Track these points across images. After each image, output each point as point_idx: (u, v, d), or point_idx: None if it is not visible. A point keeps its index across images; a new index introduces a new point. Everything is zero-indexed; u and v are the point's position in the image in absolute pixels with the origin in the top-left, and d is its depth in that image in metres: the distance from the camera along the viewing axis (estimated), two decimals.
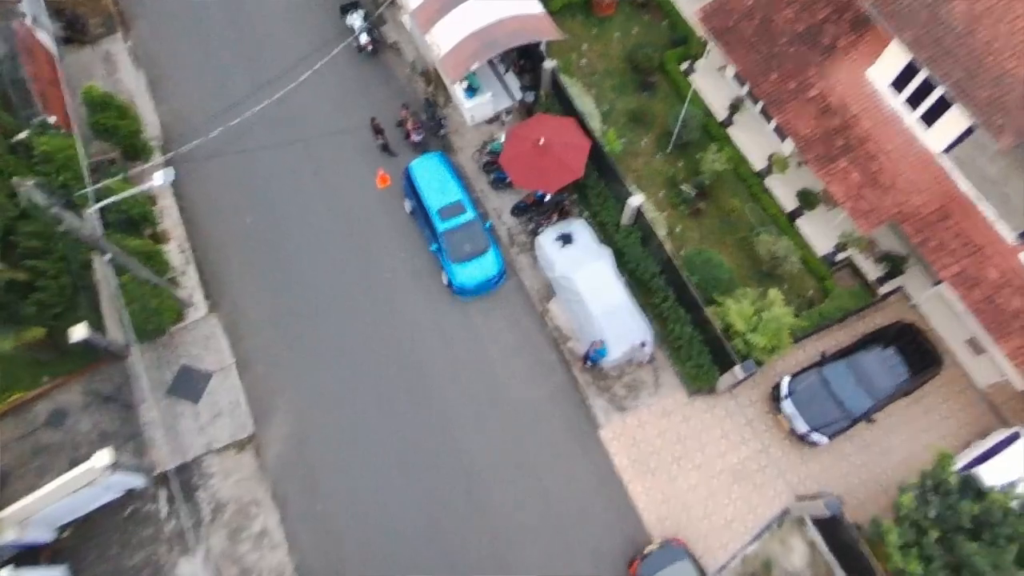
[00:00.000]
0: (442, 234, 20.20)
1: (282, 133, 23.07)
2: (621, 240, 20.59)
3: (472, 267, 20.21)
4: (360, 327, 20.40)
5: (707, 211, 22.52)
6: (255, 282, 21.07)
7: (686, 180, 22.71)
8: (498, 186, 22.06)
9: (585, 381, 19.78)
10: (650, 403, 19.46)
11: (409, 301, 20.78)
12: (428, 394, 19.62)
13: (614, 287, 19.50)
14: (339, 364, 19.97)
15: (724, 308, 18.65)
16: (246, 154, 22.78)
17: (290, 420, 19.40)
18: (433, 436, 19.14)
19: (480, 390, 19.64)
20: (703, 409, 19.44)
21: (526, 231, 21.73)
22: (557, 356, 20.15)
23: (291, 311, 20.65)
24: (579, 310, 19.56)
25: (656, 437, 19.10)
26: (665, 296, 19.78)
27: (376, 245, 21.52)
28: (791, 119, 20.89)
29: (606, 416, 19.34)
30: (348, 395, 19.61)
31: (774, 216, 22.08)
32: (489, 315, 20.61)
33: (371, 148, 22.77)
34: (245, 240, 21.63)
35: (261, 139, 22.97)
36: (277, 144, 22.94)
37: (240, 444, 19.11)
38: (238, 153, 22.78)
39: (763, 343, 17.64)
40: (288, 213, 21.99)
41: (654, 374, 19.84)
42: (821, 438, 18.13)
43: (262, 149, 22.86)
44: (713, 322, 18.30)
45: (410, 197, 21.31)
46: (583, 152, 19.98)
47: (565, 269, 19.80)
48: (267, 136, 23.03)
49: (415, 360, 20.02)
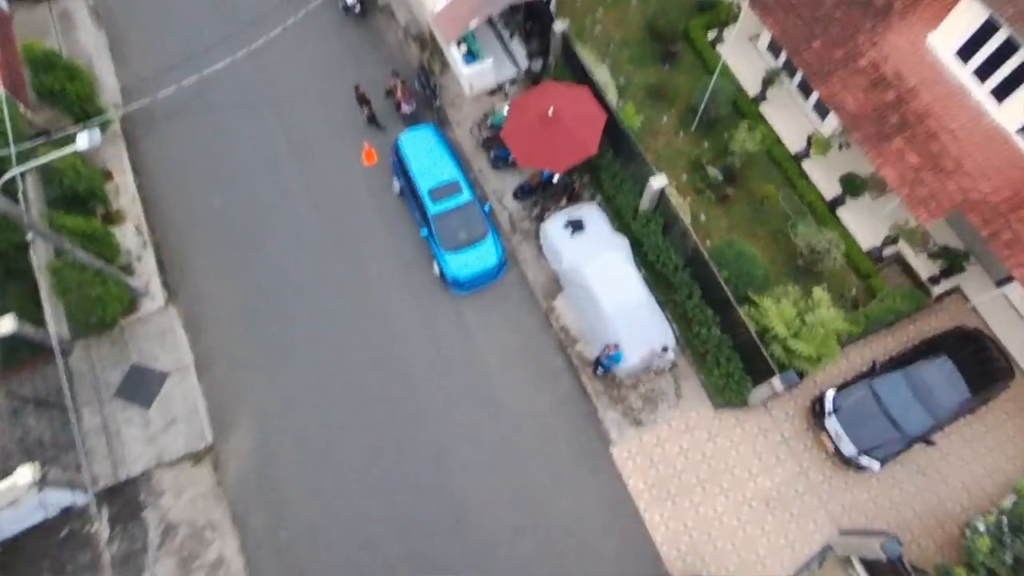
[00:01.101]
0: (433, 218, 17.56)
1: (257, 105, 20.47)
2: (639, 228, 17.93)
3: (467, 256, 17.57)
4: (338, 325, 17.80)
5: (735, 198, 19.84)
6: (221, 271, 18.49)
7: (712, 162, 20.05)
8: (499, 165, 19.39)
9: (595, 391, 17.14)
10: (670, 417, 16.83)
11: (395, 295, 18.17)
12: (414, 404, 17.01)
13: (631, 282, 16.84)
14: (313, 367, 17.38)
15: (761, 309, 15.97)
16: (216, 128, 20.20)
17: (255, 431, 16.83)
18: (419, 454, 16.53)
19: (474, 400, 17.02)
20: (732, 425, 16.80)
21: (530, 216, 19.06)
22: (563, 361, 17.51)
23: (261, 305, 18.07)
24: (590, 308, 16.91)
25: (677, 457, 16.47)
26: (690, 293, 17.12)
27: (359, 230, 18.91)
28: (837, 92, 18.19)
29: (619, 432, 16.70)
30: (322, 404, 17.02)
31: (812, 204, 19.42)
32: (486, 312, 17.98)
33: (356, 121, 20.14)
34: (211, 223, 19.04)
35: (234, 112, 20.38)
36: (251, 118, 20.34)
37: (196, 457, 16.55)
38: (207, 127, 20.21)
39: (808, 351, 14.97)
40: (261, 194, 19.39)
41: (675, 384, 17.19)
42: (872, 463, 15.47)
43: (235, 123, 20.27)
44: (747, 325, 15.63)
45: (398, 176, 18.69)
46: (598, 125, 17.30)
47: (574, 260, 17.15)
48: (241, 109, 20.43)
49: (400, 364, 17.41)
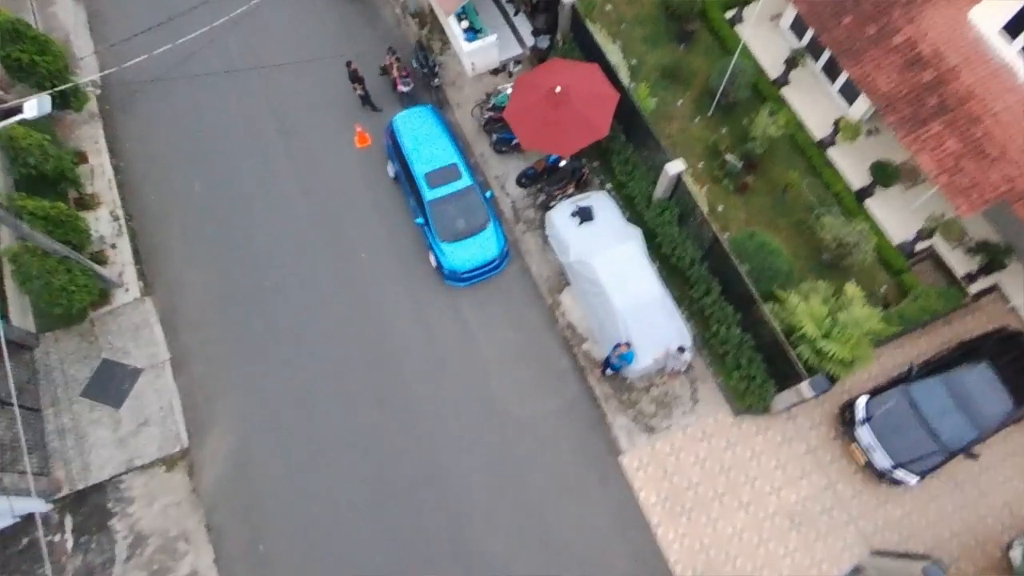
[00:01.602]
0: (430, 204, 16.18)
1: (244, 84, 19.13)
2: (653, 218, 16.53)
3: (466, 247, 16.19)
4: (326, 320, 16.45)
5: (755, 187, 18.43)
6: (201, 260, 17.16)
7: (730, 149, 18.64)
8: (502, 149, 18.01)
9: (604, 394, 15.75)
10: (686, 424, 15.44)
11: (387, 288, 16.81)
12: (407, 407, 15.65)
13: (644, 276, 15.45)
14: (298, 366, 16.03)
15: (788, 306, 14.56)
16: (199, 108, 18.86)
17: (233, 433, 15.50)
18: (411, 461, 15.17)
19: (471, 403, 15.66)
20: (753, 433, 15.40)
21: (535, 204, 17.68)
22: (569, 362, 16.13)
23: (243, 298, 16.72)
24: (599, 304, 15.53)
25: (693, 467, 15.08)
26: (708, 289, 15.72)
27: (350, 218, 17.55)
28: (869, 73, 16.77)
29: (630, 439, 15.32)
30: (307, 406, 15.68)
31: (838, 195, 18.01)
32: (486, 308, 16.61)
33: (350, 100, 18.77)
34: (192, 209, 17.71)
35: (219, 91, 19.04)
36: (237, 97, 19.00)
37: (170, 461, 15.24)
38: (190, 107, 18.87)
39: (842, 354, 13.54)
40: (245, 178, 18.04)
41: (691, 387, 15.80)
42: (909, 477, 14.05)
43: (219, 102, 18.92)
44: (772, 324, 14.21)
45: (393, 159, 17.32)
46: (610, 105, 15.89)
47: (582, 252, 15.77)
48: (226, 88, 19.09)
49: (392, 363, 16.05)
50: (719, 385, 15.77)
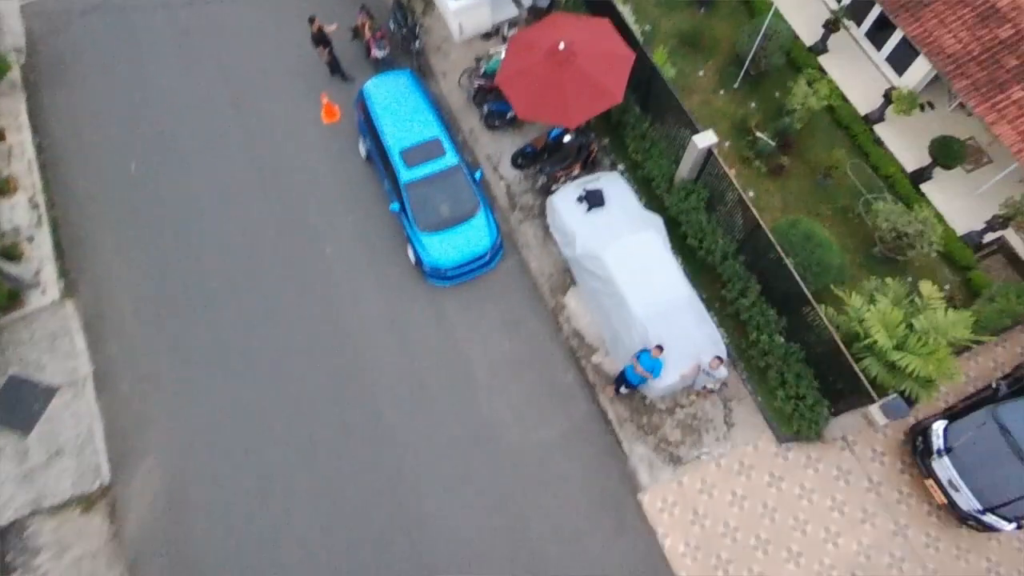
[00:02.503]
0: (407, 187, 13.41)
1: (193, 47, 16.38)
2: (676, 203, 13.77)
3: (451, 238, 13.42)
4: (282, 329, 13.65)
5: (791, 169, 15.72)
6: (136, 256, 14.36)
7: (761, 126, 15.93)
8: (495, 123, 15.24)
9: (619, 417, 12.96)
10: (719, 453, 12.65)
11: (357, 289, 14.03)
12: (379, 435, 12.85)
13: (668, 272, 12.67)
14: (248, 384, 13.23)
15: (849, 310, 11.77)
16: (139, 76, 16.10)
17: (167, 466, 12.69)
18: (382, 503, 12.36)
19: (458, 429, 12.86)
20: (802, 464, 12.61)
21: (534, 188, 14.90)
22: (576, 377, 13.34)
23: (185, 302, 13.93)
24: (612, 307, 12.77)
25: (729, 508, 12.29)
26: (745, 288, 12.96)
27: (314, 205, 14.77)
28: (931, 31, 14.17)
29: (651, 473, 12.53)
30: (258, 433, 12.87)
31: (890, 177, 15.34)
32: (475, 312, 13.83)
33: (317, 69, 16.01)
34: (126, 195, 14.92)
35: (163, 55, 16.30)
36: (184, 62, 16.25)
37: (87, 501, 12.41)
38: (128, 74, 16.12)
39: (925, 370, 10.75)
40: (191, 159, 15.26)
41: (725, 408, 13.02)
42: (1003, 524, 11.26)
43: (163, 69, 16.17)
44: (829, 331, 11.43)
45: (365, 135, 14.55)
46: (624, 66, 13.13)
47: (591, 244, 13.00)
48: (171, 51, 16.35)
49: (361, 382, 13.25)
50: (759, 406, 12.98)
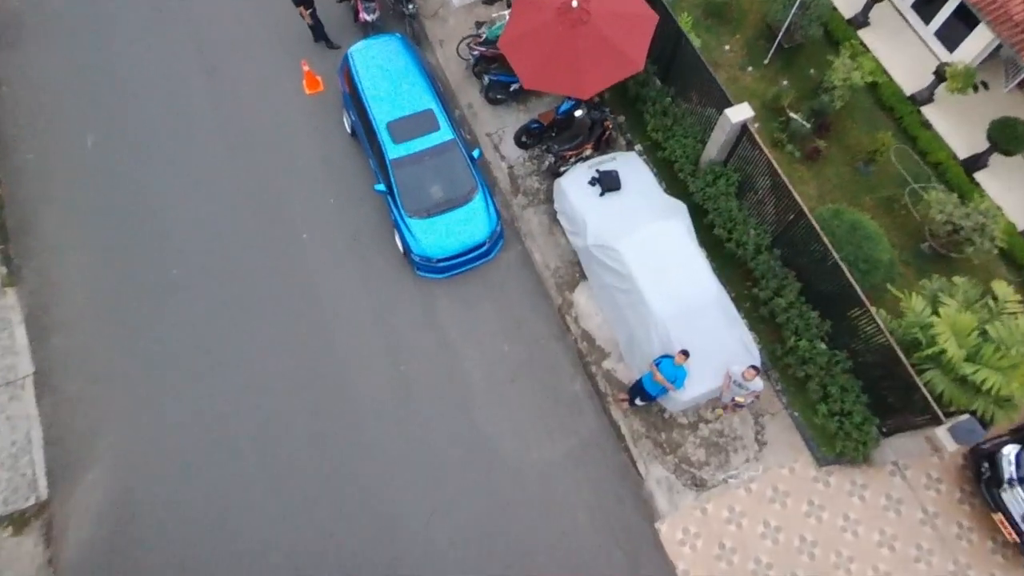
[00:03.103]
0: (394, 164, 11.72)
1: (165, 11, 14.72)
2: (701, 188, 12.05)
3: (445, 225, 11.73)
4: (252, 325, 11.99)
5: (828, 154, 14.05)
6: (90, 240, 12.71)
7: (795, 106, 14.25)
8: (497, 96, 13.53)
9: (633, 433, 11.27)
10: (750, 477, 10.95)
11: (337, 281, 12.36)
12: (359, 449, 11.18)
13: (694, 266, 10.96)
14: (210, 386, 11.57)
15: (910, 312, 10.06)
16: (101, 39, 14.45)
17: (115, 480, 11.03)
18: (363, 529, 10.69)
19: (448, 444, 11.18)
20: (845, 491, 10.90)
21: (539, 171, 13.20)
22: (584, 385, 11.65)
23: (143, 292, 12.27)
24: (628, 306, 11.06)
25: (760, 540, 10.59)
26: (781, 285, 11.24)
27: (291, 186, 13.10)
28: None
29: (670, 499, 10.83)
30: (220, 445, 11.21)
31: (940, 165, 13.69)
32: (470, 310, 12.15)
33: (300, 34, 14.32)
34: (81, 171, 13.25)
35: (129, 15, 14.64)
36: (152, 25, 14.58)
37: (19, 520, 10.77)
38: (89, 37, 14.48)
39: (1008, 387, 9.03)
40: (155, 132, 13.59)
41: (755, 425, 11.31)
42: None
43: (128, 30, 14.50)
44: (885, 336, 9.71)
45: (350, 107, 12.86)
46: (646, 29, 11.41)
47: (605, 233, 11.29)
48: (137, 12, 14.68)
49: (339, 388, 11.58)
50: (796, 422, 11.27)
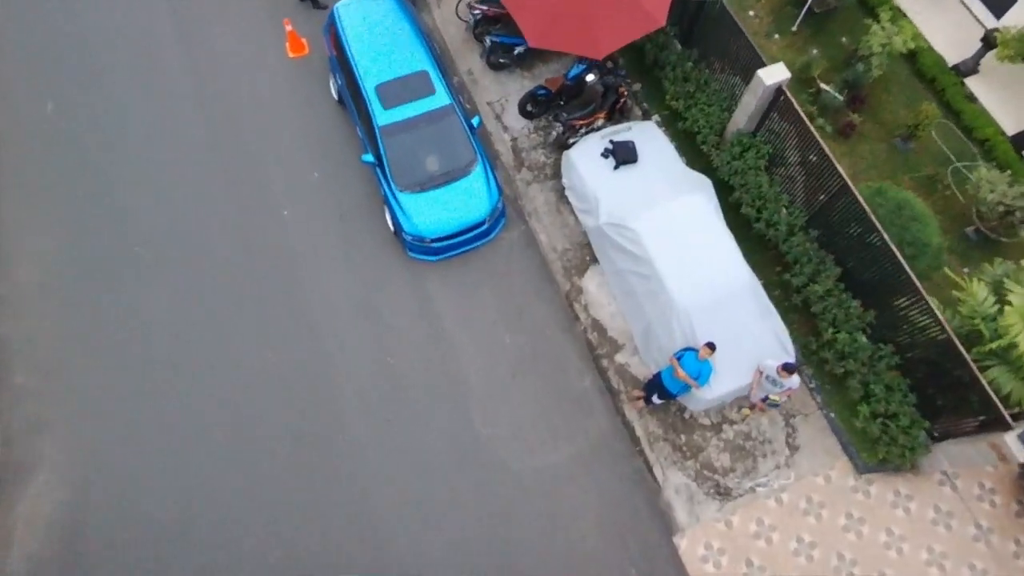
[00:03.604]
0: (383, 131, 10.45)
1: None
2: (728, 161, 10.80)
3: (440, 200, 10.48)
4: (226, 311, 10.76)
5: (863, 129, 12.84)
6: (45, 215, 11.44)
7: (826, 77, 13.05)
8: (500, 60, 12.23)
9: (649, 435, 10.05)
10: (781, 485, 9.75)
11: (321, 263, 11.12)
12: (343, 450, 9.96)
13: (720, 248, 9.73)
14: (179, 381, 10.33)
15: (970, 300, 8.85)
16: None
17: (65, 487, 9.79)
18: (343, 539, 9.49)
19: (444, 448, 9.96)
20: (888, 502, 9.70)
21: (546, 143, 11.93)
22: (594, 382, 10.43)
23: (103, 272, 11.03)
24: (646, 292, 9.83)
25: (793, 558, 9.40)
26: (817, 270, 10.01)
27: (272, 158, 11.83)
28: None
29: (691, 510, 9.63)
30: (187, 445, 9.98)
31: (987, 141, 12.56)
32: (468, 297, 10.91)
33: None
34: (39, 140, 11.95)
35: None
36: None
37: None
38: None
39: None
40: (122, 99, 12.30)
41: (786, 426, 10.10)
42: None
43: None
44: (944, 328, 8.50)
45: (336, 71, 11.58)
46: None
47: (621, 211, 10.04)
48: None
49: (322, 382, 10.35)
50: (832, 424, 10.06)
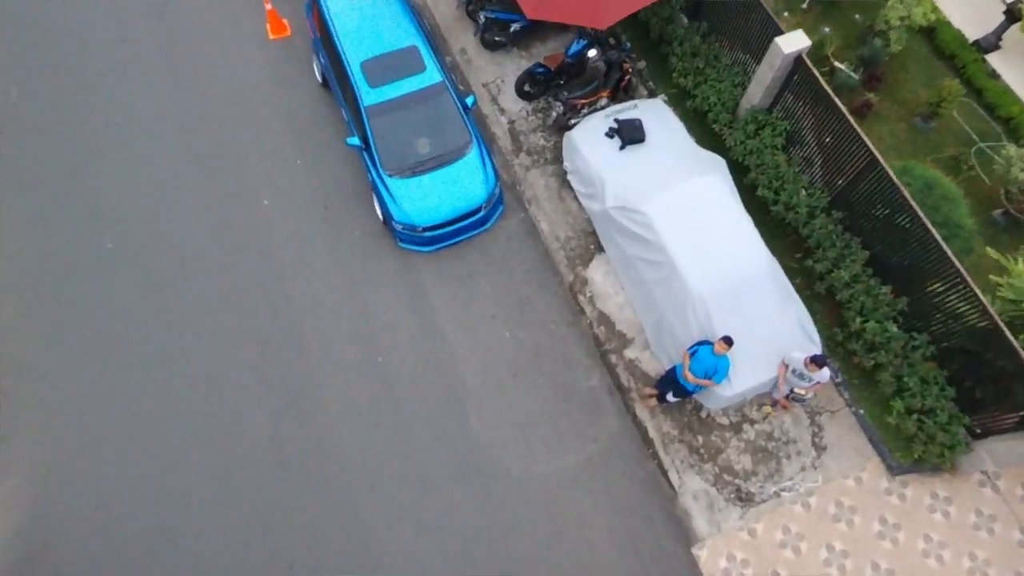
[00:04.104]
0: (370, 111, 9.65)
1: None
2: (742, 140, 10.02)
3: (432, 186, 9.69)
4: (201, 308, 9.95)
5: (880, 109, 12.08)
6: (9, 209, 10.63)
7: (839, 55, 12.32)
8: (494, 38, 11.42)
9: (663, 436, 9.26)
10: (807, 489, 8.96)
11: (304, 255, 10.32)
12: (327, 460, 9.15)
13: (739, 232, 8.96)
14: (152, 385, 9.52)
15: (1021, 283, 8.11)
16: None
17: (29, 499, 8.97)
18: (332, 554, 8.70)
19: (438, 454, 9.15)
20: (925, 506, 8.92)
21: (545, 125, 11.13)
22: (602, 379, 9.63)
23: (70, 268, 10.21)
24: (658, 281, 9.04)
25: (824, 568, 8.61)
26: (842, 254, 9.23)
27: (250, 144, 11.03)
28: None
29: (710, 517, 8.84)
30: (160, 453, 9.17)
31: (1012, 120, 11.86)
32: (464, 290, 10.11)
33: None
34: (1, 128, 11.18)
35: None
36: None
37: None
38: None
39: None
40: (91, 83, 11.50)
41: (811, 424, 9.31)
42: None
43: None
44: (991, 314, 7.75)
45: (320, 52, 10.79)
46: None
47: (629, 193, 9.26)
48: None
49: (305, 385, 9.55)
50: (861, 421, 9.27)
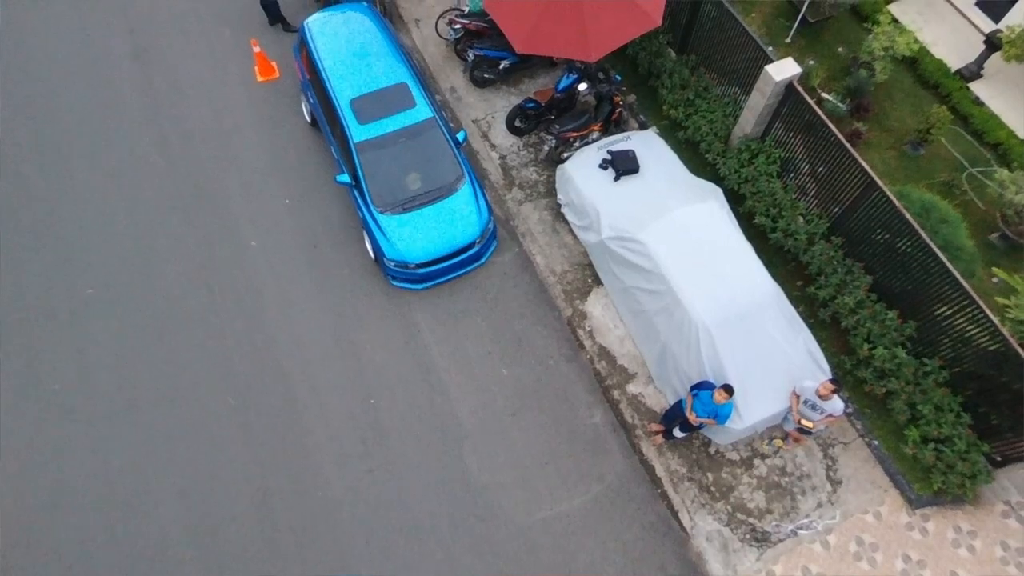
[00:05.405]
0: (359, 148, 9.47)
1: None
2: (736, 168, 9.90)
3: (424, 222, 9.45)
4: (184, 355, 9.53)
5: (869, 137, 12.13)
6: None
7: (826, 85, 12.42)
8: (483, 75, 11.38)
9: (671, 474, 8.83)
10: (825, 526, 8.51)
11: (290, 296, 9.97)
12: (316, 509, 8.64)
13: (740, 258, 8.73)
14: (129, 434, 9.01)
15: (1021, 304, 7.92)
16: (10, 13, 12.25)
17: None
18: None
19: (433, 500, 8.66)
20: (948, 540, 8.49)
21: (537, 159, 11.00)
22: (605, 416, 9.24)
23: (46, 315, 9.77)
24: (659, 310, 8.75)
25: None
26: (845, 280, 9.02)
27: (236, 185, 10.79)
28: None
29: (725, 559, 8.35)
30: (133, 505, 8.62)
31: (1000, 145, 11.93)
32: (458, 328, 9.77)
33: (251, 14, 12.26)
34: None
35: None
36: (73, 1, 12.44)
37: None
38: None
39: None
40: (73, 125, 11.27)
41: (825, 458, 8.93)
42: None
43: (44, 5, 12.34)
44: (1004, 336, 7.49)
45: (308, 91, 10.67)
46: None
47: (625, 223, 9.05)
48: None
49: (293, 429, 9.09)
50: (876, 453, 8.90)
